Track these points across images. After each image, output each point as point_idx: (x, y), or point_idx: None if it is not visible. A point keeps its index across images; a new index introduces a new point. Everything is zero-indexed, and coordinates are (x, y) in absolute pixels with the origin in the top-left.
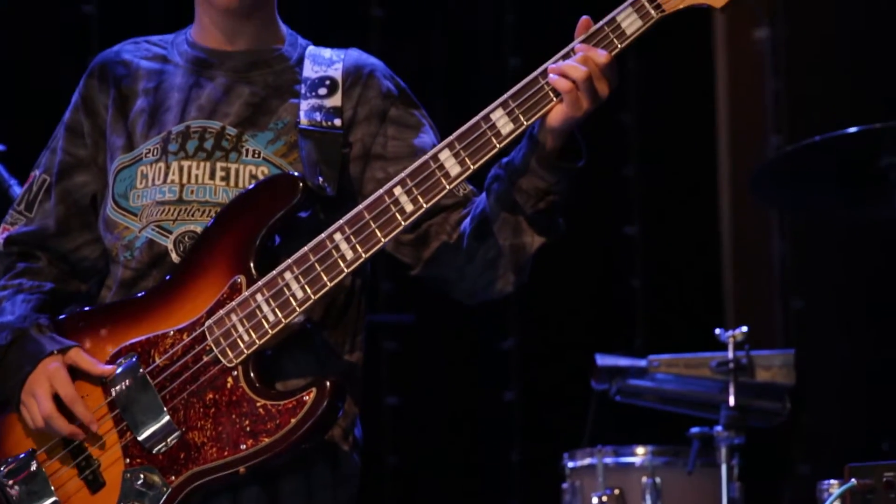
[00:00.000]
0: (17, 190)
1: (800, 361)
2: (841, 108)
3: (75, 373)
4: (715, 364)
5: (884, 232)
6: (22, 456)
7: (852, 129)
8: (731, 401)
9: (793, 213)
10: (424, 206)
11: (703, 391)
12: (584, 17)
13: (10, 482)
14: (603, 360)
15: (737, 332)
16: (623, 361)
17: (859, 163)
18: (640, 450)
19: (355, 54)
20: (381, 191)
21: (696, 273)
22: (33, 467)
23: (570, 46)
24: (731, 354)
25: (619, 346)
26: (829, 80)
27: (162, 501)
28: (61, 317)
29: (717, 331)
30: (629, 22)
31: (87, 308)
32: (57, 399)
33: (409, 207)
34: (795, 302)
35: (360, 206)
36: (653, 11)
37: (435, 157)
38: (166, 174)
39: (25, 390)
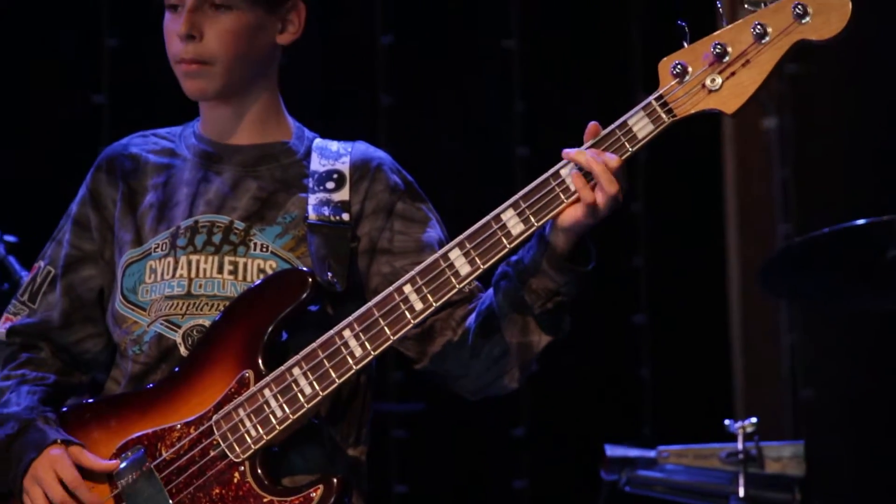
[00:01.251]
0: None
1: (809, 452)
2: (849, 198)
3: (80, 469)
4: (725, 455)
5: (892, 322)
6: None
7: (861, 221)
8: (741, 492)
9: (801, 303)
10: (434, 304)
11: (713, 482)
12: (593, 123)
13: None
14: (612, 450)
15: (746, 423)
16: (632, 452)
17: (868, 254)
18: None
19: (362, 147)
20: (390, 288)
21: (705, 363)
22: None
23: (581, 150)
24: (740, 445)
25: (627, 435)
26: (837, 170)
27: None
28: (65, 408)
29: (727, 422)
30: (641, 126)
31: (93, 399)
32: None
33: (418, 306)
34: (804, 391)
35: (370, 304)
36: (665, 116)
37: (445, 256)
38: (175, 269)
39: (29, 476)
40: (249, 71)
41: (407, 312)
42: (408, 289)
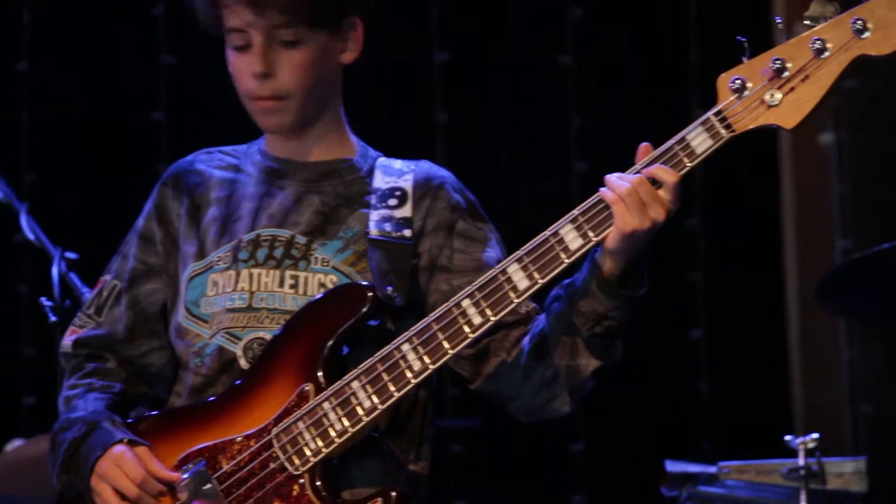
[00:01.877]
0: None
1: (872, 468)
2: None
3: None
4: (786, 471)
5: None
6: None
7: None
8: None
9: (860, 319)
10: (492, 318)
11: (775, 498)
12: (645, 144)
13: None
14: (673, 466)
15: (808, 438)
16: (693, 468)
17: None
18: None
19: (426, 166)
20: (449, 303)
21: (764, 377)
22: None
23: (636, 168)
24: (802, 461)
25: (686, 451)
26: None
27: None
28: (130, 420)
29: (788, 437)
30: (699, 141)
31: (155, 412)
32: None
33: (476, 320)
34: (865, 407)
35: (429, 318)
36: (723, 131)
37: (503, 271)
38: (236, 282)
39: (95, 475)
40: (321, 97)
41: (465, 327)
42: (466, 303)
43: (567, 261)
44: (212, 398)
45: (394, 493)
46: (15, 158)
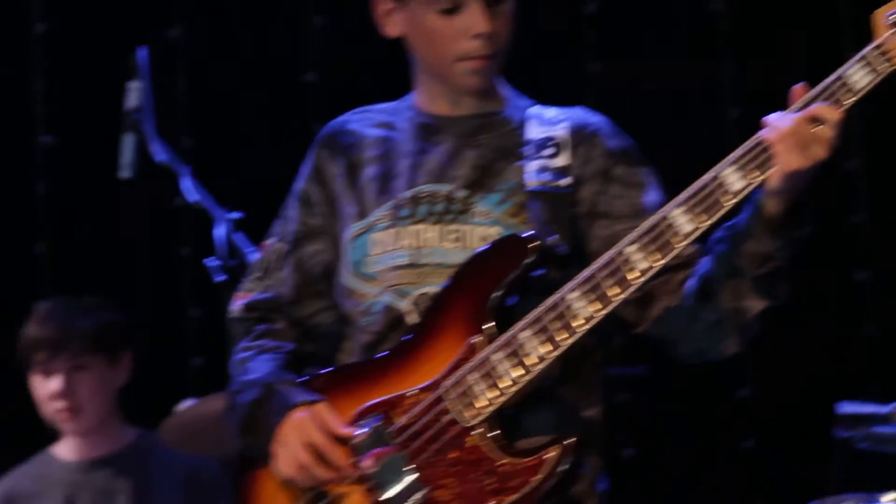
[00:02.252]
0: (254, 256)
1: None
2: None
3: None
4: None
5: None
6: None
7: None
8: None
9: None
10: (657, 264)
11: None
12: (800, 85)
13: None
14: (846, 407)
15: None
16: (867, 409)
17: None
18: (889, 496)
19: (580, 113)
20: (613, 250)
21: None
22: None
23: (795, 107)
24: None
25: (857, 394)
26: None
27: None
28: (303, 378)
29: None
30: (858, 77)
31: (328, 369)
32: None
33: (641, 266)
34: None
35: (593, 266)
36: (883, 66)
37: (666, 216)
38: (399, 239)
39: (276, 441)
40: None
41: (631, 273)
42: (630, 249)
43: (729, 203)
44: (382, 354)
45: (569, 441)
46: (172, 124)
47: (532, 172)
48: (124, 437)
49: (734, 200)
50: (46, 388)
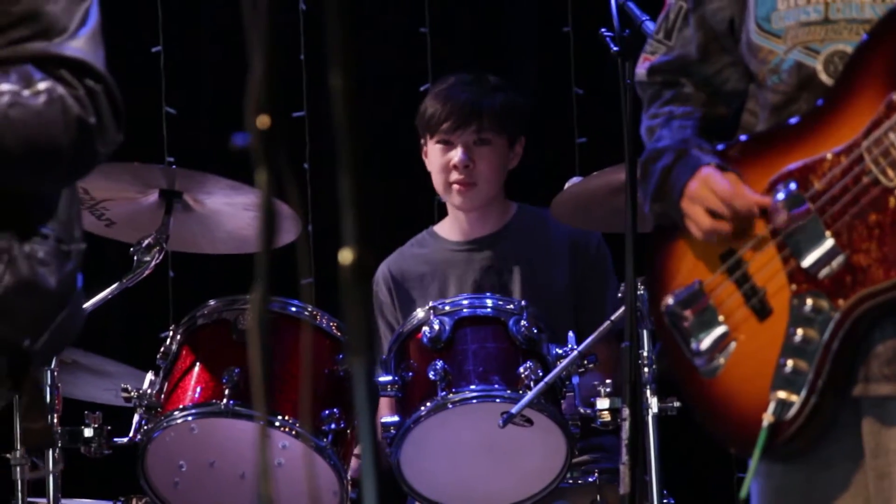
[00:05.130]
0: (650, 26)
1: None
2: None
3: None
4: None
5: None
6: (691, 287)
7: None
8: None
9: None
10: None
11: None
12: None
13: (685, 313)
14: None
15: None
16: None
17: None
18: None
19: None
20: None
21: None
22: (702, 298)
23: None
24: None
25: None
26: None
27: (831, 326)
28: (720, 147)
29: None
30: None
31: (742, 137)
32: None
33: None
34: None
35: None
36: None
37: None
38: None
39: (685, 197)
40: None
41: None
42: None
43: None
44: (794, 119)
45: None
46: None
47: None
48: (507, 215)
49: None
50: (448, 157)
